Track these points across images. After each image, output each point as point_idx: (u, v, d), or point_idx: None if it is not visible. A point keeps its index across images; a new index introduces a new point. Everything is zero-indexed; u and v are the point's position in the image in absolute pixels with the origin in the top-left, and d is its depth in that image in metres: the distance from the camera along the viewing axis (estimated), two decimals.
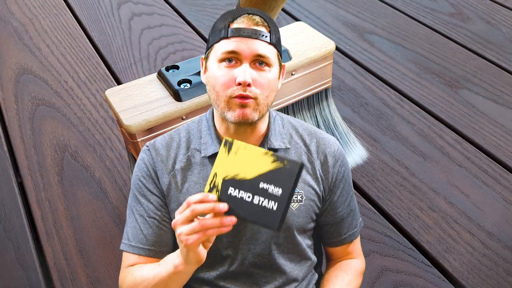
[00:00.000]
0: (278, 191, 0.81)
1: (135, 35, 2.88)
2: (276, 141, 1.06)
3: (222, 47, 0.98)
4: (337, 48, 2.70)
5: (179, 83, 1.60)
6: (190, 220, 0.84)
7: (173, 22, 3.03)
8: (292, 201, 1.02)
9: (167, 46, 2.78)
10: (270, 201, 0.81)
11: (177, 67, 1.68)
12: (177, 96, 1.57)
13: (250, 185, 0.82)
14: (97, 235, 1.81)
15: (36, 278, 1.68)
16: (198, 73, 1.64)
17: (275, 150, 1.07)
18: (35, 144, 2.19)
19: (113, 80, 2.55)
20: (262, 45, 0.97)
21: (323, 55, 1.79)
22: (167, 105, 1.56)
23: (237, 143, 0.84)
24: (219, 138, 1.05)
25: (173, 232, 1.06)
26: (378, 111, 2.31)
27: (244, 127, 1.01)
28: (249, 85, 0.96)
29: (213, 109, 1.08)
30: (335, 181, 1.10)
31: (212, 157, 1.04)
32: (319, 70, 1.82)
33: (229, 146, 0.84)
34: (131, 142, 1.58)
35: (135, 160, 1.66)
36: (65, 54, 2.75)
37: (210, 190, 0.85)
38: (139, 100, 1.59)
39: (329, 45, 1.80)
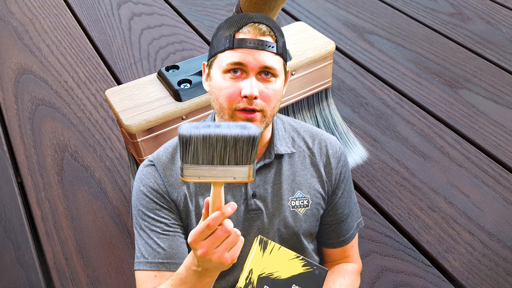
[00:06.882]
0: None
1: (135, 35, 2.88)
2: (281, 146, 1.05)
3: (228, 58, 0.94)
4: (337, 48, 2.70)
5: (179, 83, 1.60)
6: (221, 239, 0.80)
7: (173, 22, 3.03)
8: (299, 206, 1.05)
9: (167, 46, 2.78)
10: None
11: (177, 67, 1.68)
12: (177, 96, 1.57)
13: (283, 284, 0.88)
14: (97, 235, 1.81)
15: (36, 278, 1.68)
16: (198, 73, 1.64)
17: (281, 155, 1.05)
18: (35, 144, 2.19)
19: (113, 80, 2.55)
20: (269, 56, 0.94)
21: (323, 55, 1.79)
22: (167, 105, 1.56)
23: (271, 244, 0.89)
24: None
25: (186, 242, 1.04)
26: (378, 111, 2.31)
27: None
28: (255, 97, 0.93)
29: (213, 117, 1.06)
30: (338, 182, 1.10)
31: None
32: (319, 70, 1.82)
33: (263, 245, 0.89)
34: (131, 142, 1.57)
35: (135, 160, 1.66)
36: (65, 54, 2.75)
37: (246, 286, 0.88)
38: (139, 100, 1.59)
39: (329, 45, 1.80)
